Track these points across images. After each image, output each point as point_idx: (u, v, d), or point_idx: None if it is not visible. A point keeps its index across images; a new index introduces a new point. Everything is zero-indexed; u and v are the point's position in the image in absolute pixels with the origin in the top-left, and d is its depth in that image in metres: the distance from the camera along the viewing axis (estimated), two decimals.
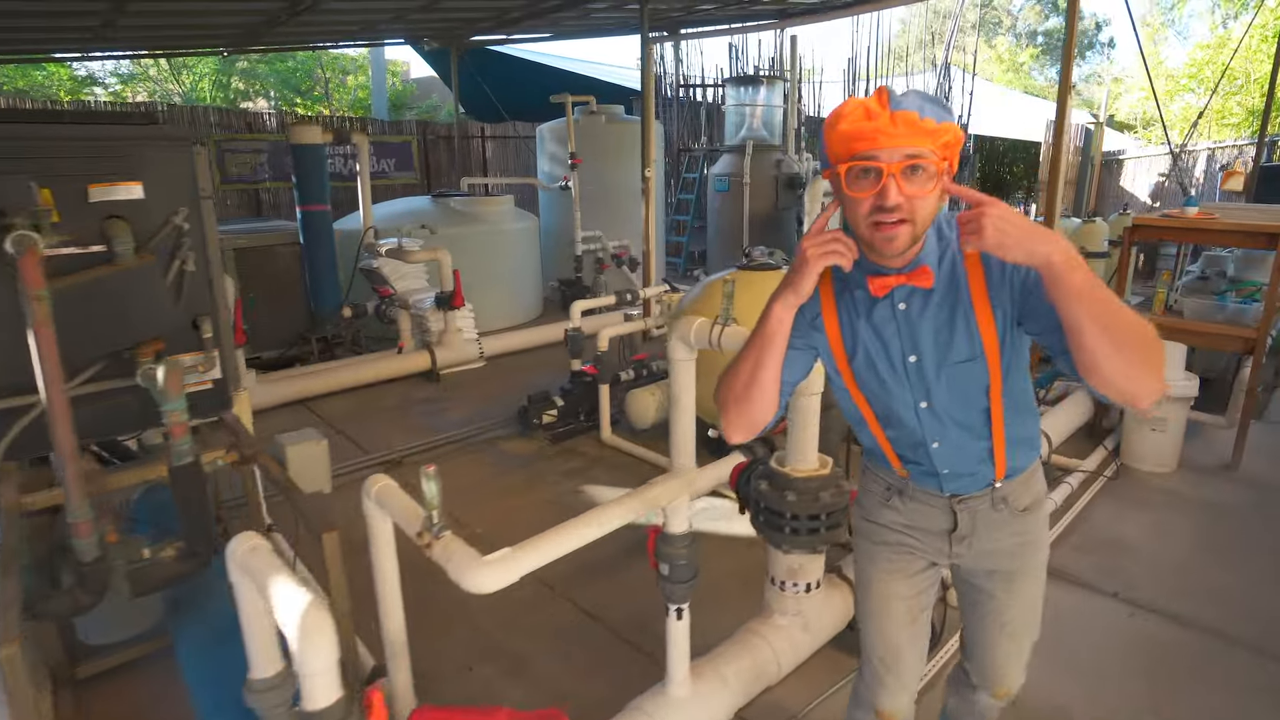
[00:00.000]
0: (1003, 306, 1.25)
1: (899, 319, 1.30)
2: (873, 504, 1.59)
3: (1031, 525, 1.50)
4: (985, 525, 1.47)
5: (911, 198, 1.14)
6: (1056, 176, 4.11)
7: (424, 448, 4.51)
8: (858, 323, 1.34)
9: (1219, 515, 3.57)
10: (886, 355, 1.34)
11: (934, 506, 1.49)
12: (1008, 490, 1.46)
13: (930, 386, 1.34)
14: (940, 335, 1.29)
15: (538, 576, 3.21)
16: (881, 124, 1.11)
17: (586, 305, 4.74)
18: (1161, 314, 4.18)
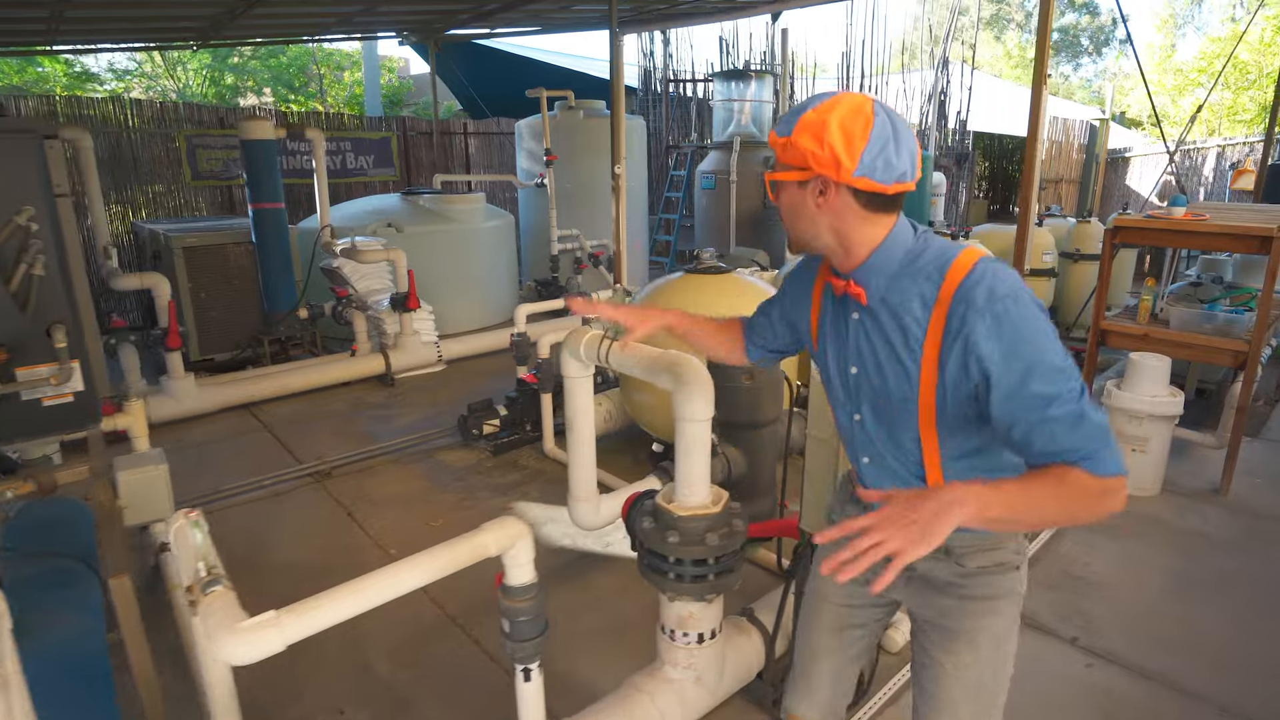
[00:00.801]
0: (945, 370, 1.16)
1: (850, 327, 1.30)
2: (839, 499, 1.59)
3: (982, 588, 1.34)
4: (925, 568, 1.37)
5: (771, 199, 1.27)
6: (1031, 174, 3.79)
7: (358, 458, 4.27)
8: (829, 316, 1.37)
9: (1201, 547, 3.25)
10: (836, 357, 1.35)
11: None
12: (953, 543, 1.33)
13: (864, 403, 1.32)
14: (876, 360, 1.26)
15: (439, 605, 3.00)
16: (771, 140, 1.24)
17: (531, 309, 4.48)
18: (1146, 323, 3.85)
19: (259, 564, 3.28)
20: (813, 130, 1.13)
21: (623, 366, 2.07)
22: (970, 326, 1.10)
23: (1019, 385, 1.08)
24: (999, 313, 1.09)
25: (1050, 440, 1.07)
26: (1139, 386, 3.56)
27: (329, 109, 15.61)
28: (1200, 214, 3.71)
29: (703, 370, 1.88)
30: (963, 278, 1.13)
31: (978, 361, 1.10)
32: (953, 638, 1.37)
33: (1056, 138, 10.33)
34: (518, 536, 1.58)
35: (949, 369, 1.14)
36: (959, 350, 1.12)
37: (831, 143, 1.12)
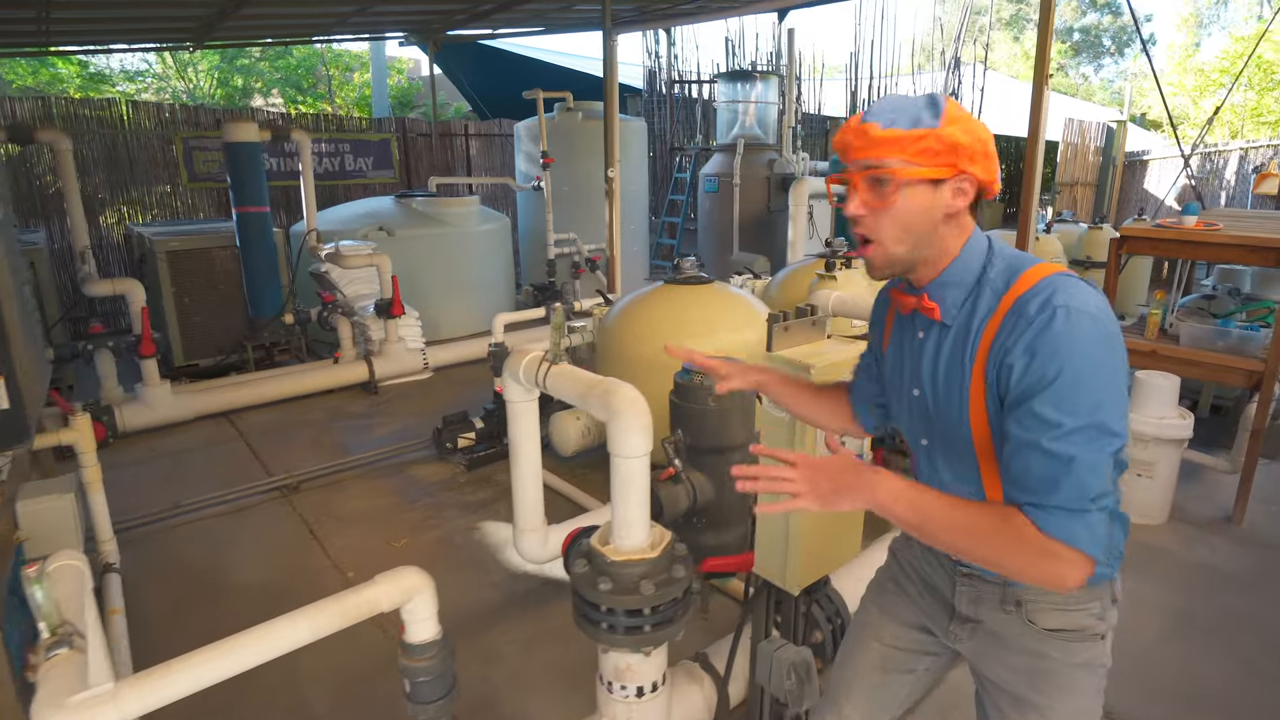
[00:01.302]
0: (992, 388, 1.08)
1: (915, 346, 1.22)
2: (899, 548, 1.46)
3: (1058, 654, 1.21)
4: (992, 620, 1.24)
5: (869, 206, 1.09)
6: (1031, 179, 3.58)
7: (328, 471, 4.14)
8: (897, 337, 1.29)
9: (1208, 583, 3.02)
10: (902, 380, 1.27)
11: (939, 562, 1.32)
12: (1025, 596, 1.20)
13: (928, 427, 1.23)
14: (939, 382, 1.17)
15: (387, 631, 2.84)
16: (850, 136, 1.10)
17: (510, 318, 4.33)
18: (1155, 339, 3.62)
19: (217, 584, 3.16)
20: (963, 124, 1.07)
21: (558, 392, 1.91)
22: (1014, 335, 1.03)
23: (1027, 395, 1.01)
24: (1047, 319, 1.01)
25: (1024, 471, 1.01)
26: (1145, 407, 3.33)
27: (336, 110, 15.60)
28: (1213, 223, 3.47)
29: (639, 401, 1.70)
30: (1026, 289, 1.05)
31: (1007, 367, 1.04)
32: (1023, 709, 1.24)
33: (1072, 140, 10.02)
34: (415, 590, 1.42)
35: (992, 383, 1.07)
36: (995, 360, 1.06)
37: (984, 137, 1.08)
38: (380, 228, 6.67)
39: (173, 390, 4.79)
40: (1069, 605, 1.19)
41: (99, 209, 7.50)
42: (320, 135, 8.74)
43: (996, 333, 1.07)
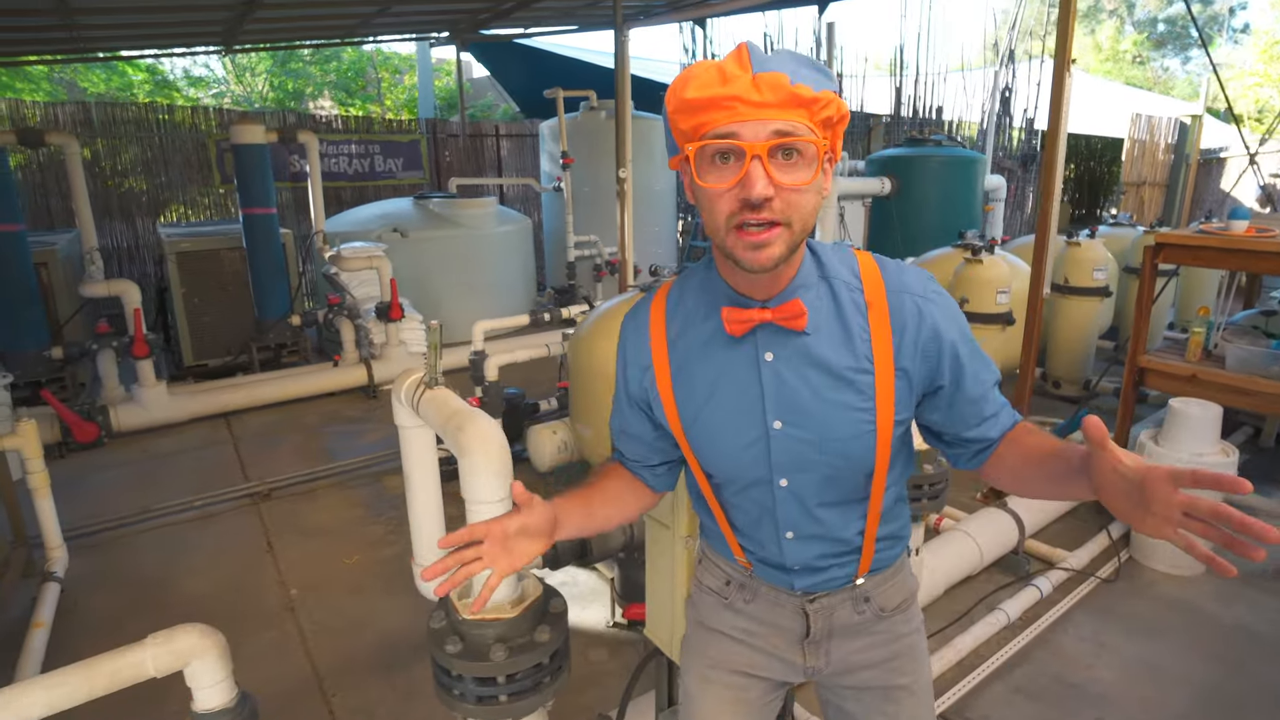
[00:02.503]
0: (908, 376, 1.01)
1: (764, 372, 1.00)
2: (709, 605, 1.26)
3: (905, 629, 1.21)
4: (845, 630, 1.18)
5: (785, 189, 0.87)
6: (1051, 180, 3.18)
7: (303, 479, 4.05)
8: (703, 370, 1.04)
9: (1245, 651, 2.58)
10: (737, 418, 1.02)
11: (781, 606, 1.18)
12: (871, 588, 1.17)
13: (796, 464, 1.03)
14: (820, 400, 0.99)
15: (311, 658, 2.69)
16: (741, 88, 0.84)
17: (490, 325, 4.15)
18: (1197, 361, 3.16)
19: (163, 596, 3.08)
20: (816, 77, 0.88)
21: (426, 419, 1.70)
22: (928, 314, 0.99)
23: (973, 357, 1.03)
24: (939, 292, 1.03)
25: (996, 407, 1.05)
26: (1179, 440, 2.90)
27: (385, 112, 15.86)
28: (1269, 229, 3.00)
29: (492, 438, 1.47)
30: (879, 270, 1.02)
31: (950, 347, 1.00)
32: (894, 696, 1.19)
33: (1140, 137, 9.25)
34: (192, 654, 1.23)
35: (913, 369, 1.00)
36: (925, 341, 0.99)
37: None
38: (395, 229, 6.63)
39: (170, 391, 4.80)
40: (902, 575, 1.20)
41: (135, 211, 7.72)
42: (350, 137, 8.81)
43: (892, 314, 0.99)
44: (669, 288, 1.11)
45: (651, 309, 1.10)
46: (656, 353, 1.08)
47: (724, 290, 1.01)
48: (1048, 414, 4.76)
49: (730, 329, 0.99)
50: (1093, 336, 4.97)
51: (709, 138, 0.87)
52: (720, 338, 1.02)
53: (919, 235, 6.87)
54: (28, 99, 12.16)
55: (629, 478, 1.20)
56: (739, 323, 0.98)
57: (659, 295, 1.11)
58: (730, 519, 1.16)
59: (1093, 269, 4.81)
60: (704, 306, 1.05)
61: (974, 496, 3.66)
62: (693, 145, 0.88)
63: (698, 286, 1.07)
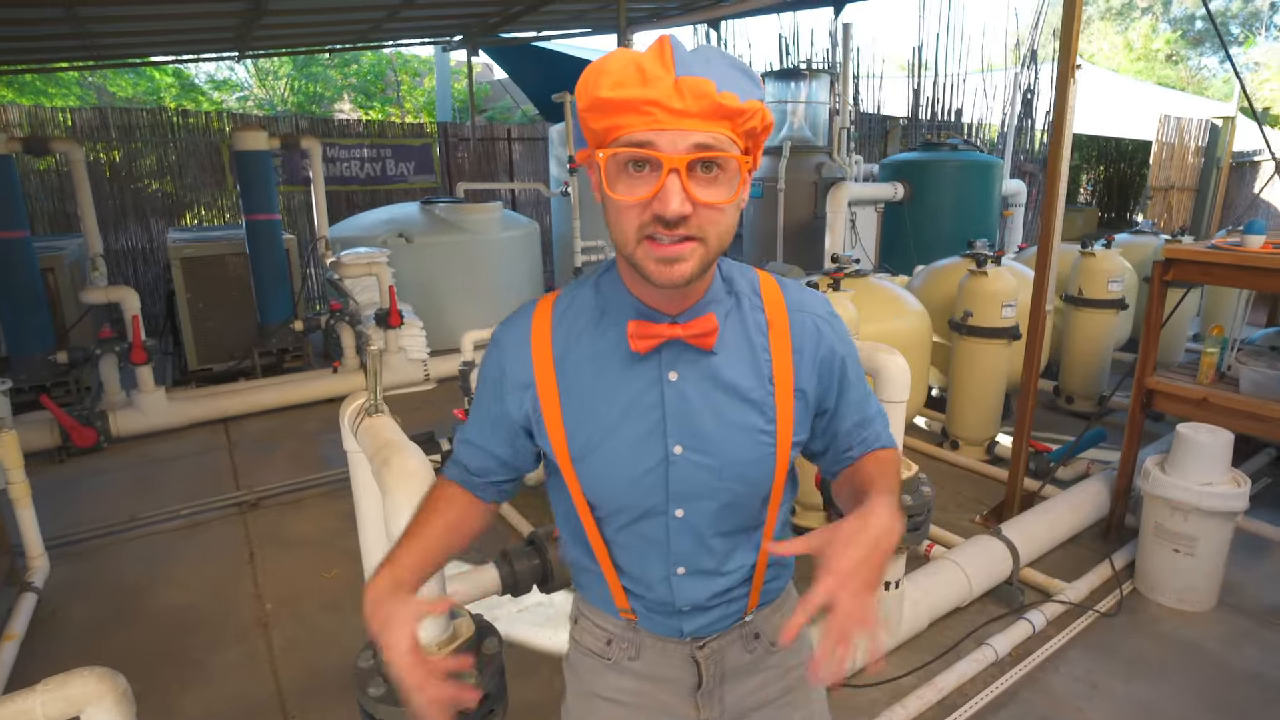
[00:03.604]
0: (805, 396, 0.99)
1: (665, 392, 0.93)
2: (589, 669, 1.14)
3: (794, 660, 1.15)
4: (737, 673, 1.11)
5: (703, 206, 0.81)
6: (1055, 188, 3.03)
7: (292, 488, 4.03)
8: (597, 391, 0.95)
9: (1252, 698, 2.42)
10: (633, 441, 0.94)
11: (669, 657, 1.09)
12: (760, 623, 1.11)
13: (695, 491, 0.96)
14: (724, 422, 0.94)
15: (276, 676, 2.64)
16: (661, 92, 0.77)
17: (479, 336, 4.10)
18: (1209, 383, 2.99)
19: (141, 607, 3.06)
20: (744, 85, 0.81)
21: (362, 447, 1.64)
22: (826, 334, 1.00)
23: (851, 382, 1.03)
24: (835, 315, 1.03)
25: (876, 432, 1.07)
26: (1184, 469, 2.74)
27: (405, 115, 15.97)
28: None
29: (416, 476, 1.40)
30: (779, 288, 1.00)
31: (840, 365, 1.01)
32: None
33: (1168, 139, 8.94)
34: (87, 700, 1.17)
35: (810, 390, 0.99)
36: (822, 361, 0.99)
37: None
38: (400, 234, 6.63)
39: (169, 396, 4.84)
40: (788, 605, 1.14)
41: (149, 215, 7.83)
42: (362, 141, 8.85)
43: (792, 341, 0.97)
44: (555, 297, 1.01)
45: (534, 319, 0.99)
46: (540, 370, 0.96)
47: (629, 303, 0.93)
48: (1059, 430, 4.60)
49: (635, 345, 0.90)
50: (1107, 351, 4.79)
51: (622, 144, 0.79)
52: (617, 355, 0.94)
53: (933, 242, 6.70)
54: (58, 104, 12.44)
55: (465, 501, 1.08)
56: (646, 339, 0.90)
57: (542, 305, 1.00)
58: (614, 558, 1.04)
59: (1108, 280, 4.62)
60: (598, 320, 0.96)
61: (972, 519, 3.52)
62: (604, 152, 0.81)
63: (590, 297, 0.98)
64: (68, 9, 4.91)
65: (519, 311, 1.02)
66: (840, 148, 8.08)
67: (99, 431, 4.50)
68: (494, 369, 1.02)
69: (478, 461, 1.07)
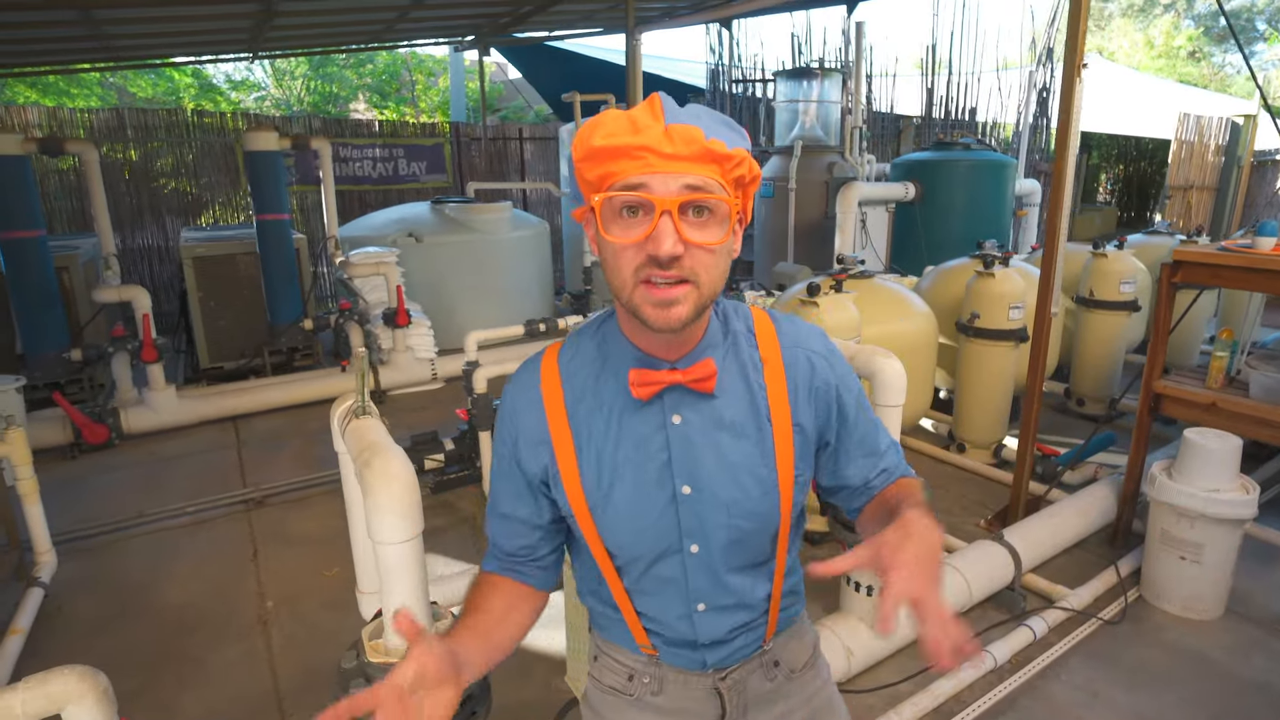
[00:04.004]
0: (804, 431, 1.01)
1: (671, 436, 0.96)
2: (611, 706, 1.13)
3: (816, 684, 1.17)
4: (759, 702, 1.12)
5: (695, 247, 0.83)
6: (1060, 190, 2.98)
7: (295, 487, 4.07)
8: (608, 440, 0.96)
9: (1260, 710, 2.37)
10: (644, 484, 0.96)
11: (692, 690, 1.09)
12: (778, 650, 1.12)
13: (706, 529, 0.98)
14: (727, 463, 0.96)
15: (275, 672, 2.65)
16: (652, 139, 0.81)
17: (483, 336, 4.12)
18: (1219, 388, 2.93)
19: (143, 603, 3.10)
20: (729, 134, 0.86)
21: (348, 448, 1.64)
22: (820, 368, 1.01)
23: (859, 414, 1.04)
24: (833, 350, 1.05)
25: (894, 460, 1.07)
26: (1193, 474, 2.69)
27: (420, 114, 16.06)
28: None
29: (399, 479, 1.41)
30: (773, 325, 1.02)
31: (836, 397, 1.02)
32: None
33: (1187, 138, 8.79)
34: (68, 699, 1.19)
35: (808, 424, 1.00)
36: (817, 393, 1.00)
37: None
38: (410, 234, 6.67)
39: (179, 395, 4.90)
40: (803, 629, 1.16)
41: (165, 214, 7.94)
42: (374, 141, 8.92)
43: (788, 369, 0.99)
44: (558, 348, 1.02)
45: (542, 374, 1.00)
46: (555, 425, 0.98)
47: (629, 351, 0.96)
48: (1070, 434, 4.53)
49: (637, 393, 0.93)
50: (1119, 353, 4.71)
51: (617, 189, 0.83)
52: (621, 402, 0.96)
53: (945, 242, 6.64)
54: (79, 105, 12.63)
55: (510, 589, 1.05)
56: (647, 385, 0.92)
57: (548, 356, 1.01)
58: (635, 604, 1.06)
59: (1119, 282, 4.55)
60: (601, 369, 0.98)
61: (976, 523, 3.48)
62: (599, 196, 0.84)
63: (593, 347, 1.00)
64: (83, 11, 4.99)
65: (525, 368, 1.03)
66: (852, 147, 8.02)
67: (110, 428, 4.57)
68: (509, 432, 1.02)
69: (514, 539, 1.05)
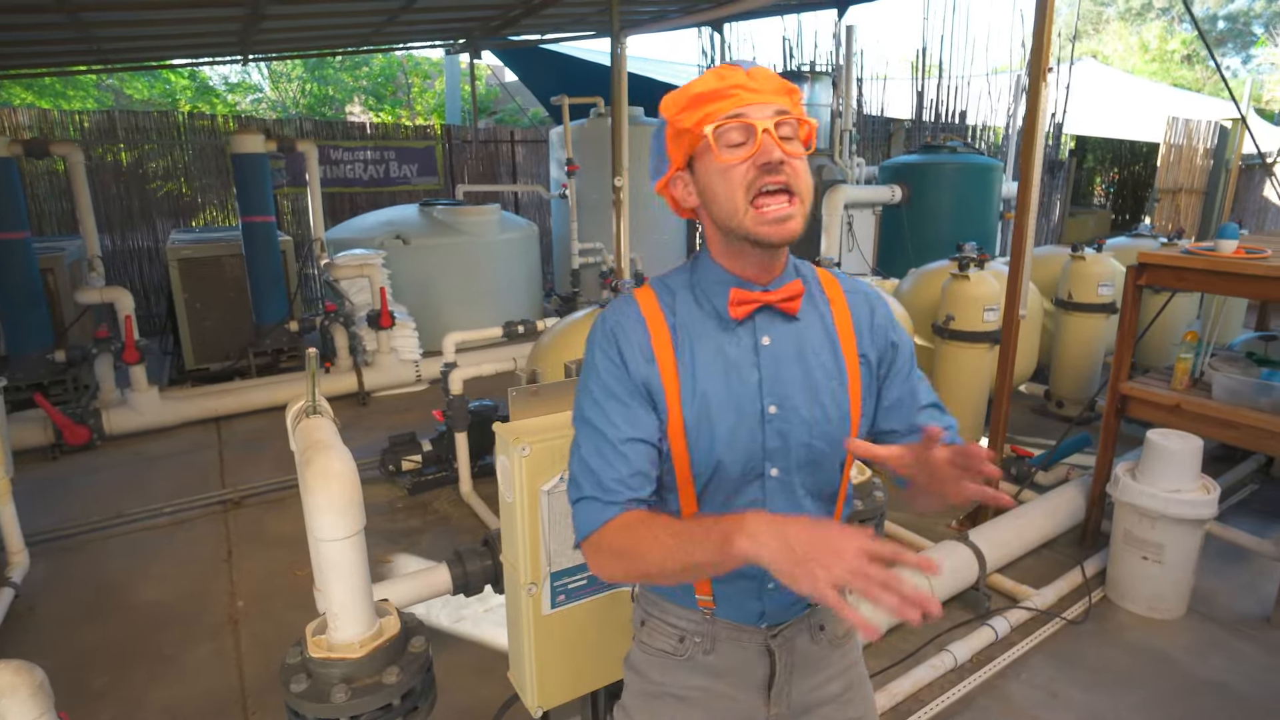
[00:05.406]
0: (868, 362, 1.11)
1: (761, 357, 1.04)
2: (658, 667, 1.16)
3: (854, 656, 1.23)
4: (804, 666, 1.16)
5: (791, 157, 0.96)
6: (1028, 192, 3.01)
7: (275, 488, 4.08)
8: (705, 358, 1.04)
9: (1217, 710, 2.38)
10: (736, 403, 1.03)
11: (744, 648, 1.13)
12: (823, 613, 1.17)
13: (788, 448, 1.05)
14: (809, 383, 1.05)
15: (241, 670, 2.67)
16: (739, 79, 0.97)
17: (462, 337, 4.13)
18: (1184, 389, 2.95)
19: (114, 603, 3.11)
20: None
21: (297, 446, 1.66)
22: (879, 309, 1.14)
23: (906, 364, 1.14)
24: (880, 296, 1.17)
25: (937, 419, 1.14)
26: (1155, 476, 2.71)
27: (415, 117, 16.10)
28: (1259, 249, 2.79)
29: (338, 477, 1.43)
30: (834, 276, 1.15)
31: (893, 343, 1.12)
32: None
33: (1176, 141, 8.82)
34: (1, 693, 1.20)
35: (872, 356, 1.11)
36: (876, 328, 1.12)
37: None
38: (397, 236, 6.69)
39: (163, 395, 4.91)
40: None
41: (155, 216, 7.96)
42: (365, 143, 8.95)
43: (851, 314, 1.11)
44: (648, 286, 1.10)
45: (640, 301, 1.07)
46: (658, 340, 1.04)
47: (723, 277, 1.05)
48: (1050, 435, 4.55)
49: (734, 312, 1.03)
50: (1098, 354, 4.73)
51: (724, 119, 0.96)
52: (716, 325, 1.05)
53: (932, 244, 6.65)
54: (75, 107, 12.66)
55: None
56: (744, 304, 1.02)
57: (643, 291, 1.09)
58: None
59: (1098, 284, 4.57)
60: (696, 297, 1.07)
61: (948, 524, 3.50)
62: (711, 126, 0.96)
63: (685, 282, 1.09)
64: (70, 15, 5.01)
65: (620, 300, 1.09)
66: (842, 150, 8.05)
67: (92, 429, 4.58)
68: (611, 350, 1.03)
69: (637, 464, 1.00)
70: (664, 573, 0.92)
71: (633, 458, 0.99)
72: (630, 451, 1.00)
